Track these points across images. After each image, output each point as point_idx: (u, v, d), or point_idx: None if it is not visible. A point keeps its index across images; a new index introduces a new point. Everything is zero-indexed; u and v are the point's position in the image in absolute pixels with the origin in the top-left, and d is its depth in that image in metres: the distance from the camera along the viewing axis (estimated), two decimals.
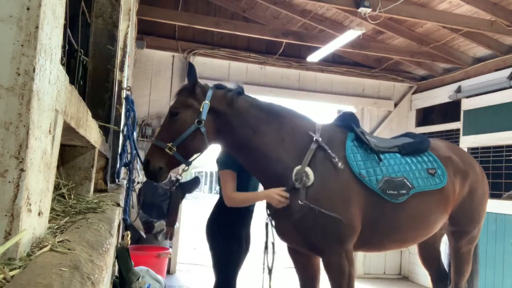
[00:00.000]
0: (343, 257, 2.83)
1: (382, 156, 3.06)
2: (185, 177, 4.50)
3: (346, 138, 3.04)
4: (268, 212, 3.01)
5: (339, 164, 2.85)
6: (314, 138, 2.91)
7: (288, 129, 2.96)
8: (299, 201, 2.77)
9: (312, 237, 2.81)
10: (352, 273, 2.87)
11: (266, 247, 3.07)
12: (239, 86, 3.04)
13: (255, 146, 2.89)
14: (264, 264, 3.07)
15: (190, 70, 2.96)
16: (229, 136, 2.92)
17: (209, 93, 2.92)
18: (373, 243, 3.07)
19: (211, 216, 3.35)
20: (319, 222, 2.77)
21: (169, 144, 2.80)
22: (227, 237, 3.20)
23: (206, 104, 2.87)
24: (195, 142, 2.87)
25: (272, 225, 3.02)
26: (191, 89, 2.95)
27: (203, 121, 2.83)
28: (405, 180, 3.02)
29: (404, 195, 2.98)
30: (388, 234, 3.07)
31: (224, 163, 3.18)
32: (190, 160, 2.95)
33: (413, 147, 3.25)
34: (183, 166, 3.03)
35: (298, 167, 2.83)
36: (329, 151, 2.87)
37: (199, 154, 3.01)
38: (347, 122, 3.14)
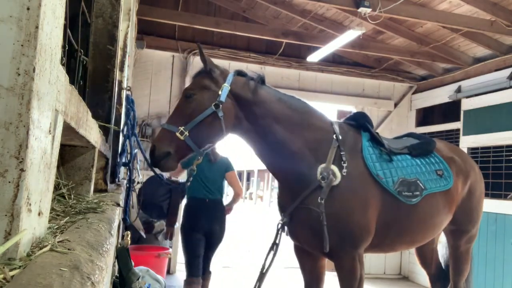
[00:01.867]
0: (356, 260, 2.78)
1: (395, 158, 3.02)
2: (184, 178, 4.51)
3: (362, 138, 2.98)
4: (282, 214, 2.91)
5: (344, 169, 2.76)
6: (335, 136, 2.84)
7: (310, 125, 2.86)
8: (319, 199, 2.67)
9: (329, 239, 2.69)
10: (363, 275, 2.83)
11: (271, 248, 2.97)
12: (261, 75, 2.90)
13: (281, 140, 2.74)
14: (265, 263, 2.97)
15: (201, 53, 2.80)
16: (250, 125, 2.75)
17: (230, 77, 2.76)
18: (384, 245, 3.03)
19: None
20: (338, 225, 2.70)
21: (181, 128, 2.58)
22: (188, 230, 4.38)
23: (226, 87, 2.69)
24: (211, 128, 2.65)
25: (283, 226, 2.89)
26: (208, 71, 2.77)
27: (221, 105, 2.64)
28: (418, 181, 2.99)
29: (418, 197, 2.96)
30: (400, 236, 3.03)
31: (232, 165, 4.59)
32: (203, 149, 2.71)
33: (422, 148, 3.24)
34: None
35: (323, 165, 2.73)
36: (342, 153, 2.78)
37: (212, 144, 2.82)
38: (361, 122, 3.09)
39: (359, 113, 3.23)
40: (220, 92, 2.67)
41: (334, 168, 2.73)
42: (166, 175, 4.95)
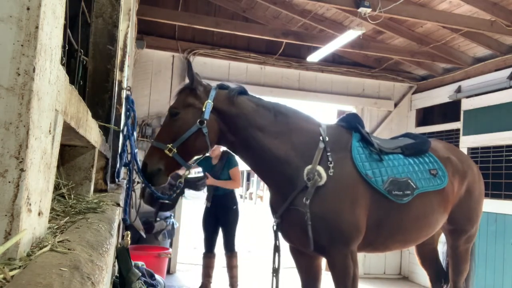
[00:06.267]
0: (348, 258, 2.82)
1: (386, 157, 3.06)
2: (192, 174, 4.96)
3: (352, 139, 3.03)
4: (275, 215, 2.98)
5: (331, 170, 2.82)
6: (321, 137, 2.89)
7: (295, 129, 2.92)
8: (303, 200, 2.74)
9: (319, 238, 2.77)
10: (356, 274, 2.87)
11: (275, 249, 3.04)
12: (241, 86, 3.01)
13: (265, 147, 2.83)
14: (274, 265, 3.05)
15: (189, 69, 2.86)
16: (234, 137, 2.87)
17: (213, 93, 2.84)
18: (377, 244, 3.07)
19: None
20: (326, 223, 2.76)
21: (169, 145, 2.72)
22: None
23: (209, 104, 2.79)
24: (197, 143, 2.79)
25: (278, 228, 2.97)
26: (192, 88, 2.87)
27: (205, 121, 2.76)
28: (409, 180, 3.02)
29: (409, 196, 2.99)
30: (392, 235, 3.07)
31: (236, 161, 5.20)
32: (190, 163, 2.90)
33: (415, 148, 3.27)
34: (182, 171, 3.02)
35: (309, 166, 2.80)
36: (328, 153, 2.85)
37: (199, 156, 2.97)
38: (352, 123, 3.13)
39: (351, 114, 3.28)
40: (204, 109, 2.79)
41: (320, 169, 2.80)
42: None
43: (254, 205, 34.69)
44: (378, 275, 7.67)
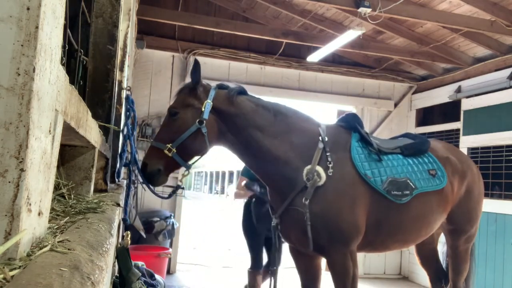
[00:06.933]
0: (348, 258, 2.82)
1: (385, 157, 3.07)
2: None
3: (351, 139, 3.03)
4: (274, 215, 2.99)
5: (329, 170, 2.82)
6: (321, 137, 2.90)
7: (295, 130, 2.92)
8: (303, 200, 2.75)
9: (318, 238, 2.78)
10: (356, 274, 2.87)
11: (275, 250, 3.06)
12: (240, 86, 3.00)
13: (264, 147, 2.83)
14: (272, 263, 3.07)
15: (195, 68, 2.83)
16: (234, 137, 2.86)
17: (212, 93, 2.84)
18: (376, 243, 3.08)
19: None
20: (326, 223, 2.76)
21: (169, 145, 2.72)
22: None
23: (208, 104, 2.79)
24: (196, 143, 2.78)
25: (277, 228, 2.98)
26: (192, 88, 2.86)
27: (204, 121, 2.75)
28: (408, 181, 3.03)
29: (408, 196, 2.99)
30: (392, 235, 3.07)
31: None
32: (190, 163, 2.89)
33: (415, 148, 3.27)
34: (182, 170, 2.97)
35: (308, 166, 2.80)
36: (327, 153, 2.85)
37: (199, 157, 2.95)
38: (351, 123, 3.14)
39: (350, 114, 3.28)
40: (203, 109, 2.78)
41: (319, 169, 2.80)
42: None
43: None
44: (378, 275, 7.67)
